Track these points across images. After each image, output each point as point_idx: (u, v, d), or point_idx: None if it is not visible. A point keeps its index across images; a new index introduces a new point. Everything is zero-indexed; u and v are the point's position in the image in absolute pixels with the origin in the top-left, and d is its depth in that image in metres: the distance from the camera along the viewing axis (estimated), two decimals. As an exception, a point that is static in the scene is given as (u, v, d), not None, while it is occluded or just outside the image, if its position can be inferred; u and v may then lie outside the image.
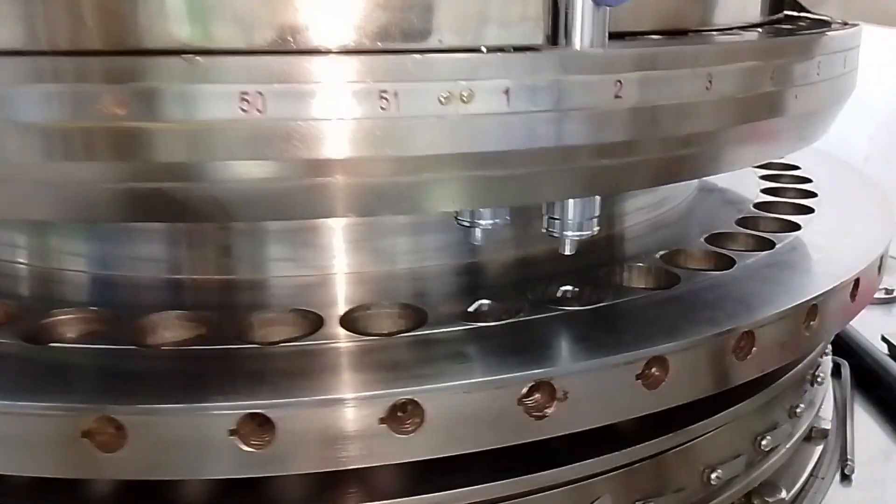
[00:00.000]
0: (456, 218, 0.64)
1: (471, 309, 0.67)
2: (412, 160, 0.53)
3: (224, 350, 0.59)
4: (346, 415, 0.54)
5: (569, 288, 0.71)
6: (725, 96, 0.61)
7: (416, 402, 0.55)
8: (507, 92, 0.52)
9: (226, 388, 0.54)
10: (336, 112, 0.50)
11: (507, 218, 0.64)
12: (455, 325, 0.63)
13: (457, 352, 0.59)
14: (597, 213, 0.66)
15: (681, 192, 0.95)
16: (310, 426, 0.54)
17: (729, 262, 0.76)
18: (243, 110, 0.50)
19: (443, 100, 0.51)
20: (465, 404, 0.55)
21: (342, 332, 0.62)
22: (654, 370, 0.61)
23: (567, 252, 0.67)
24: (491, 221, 0.64)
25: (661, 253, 0.79)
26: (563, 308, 0.66)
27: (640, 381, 0.60)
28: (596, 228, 0.67)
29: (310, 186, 0.53)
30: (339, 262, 0.74)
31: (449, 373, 0.56)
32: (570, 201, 0.64)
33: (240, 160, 0.51)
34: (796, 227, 0.87)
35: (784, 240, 0.83)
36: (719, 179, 1.04)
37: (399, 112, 0.51)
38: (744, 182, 1.03)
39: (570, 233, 0.66)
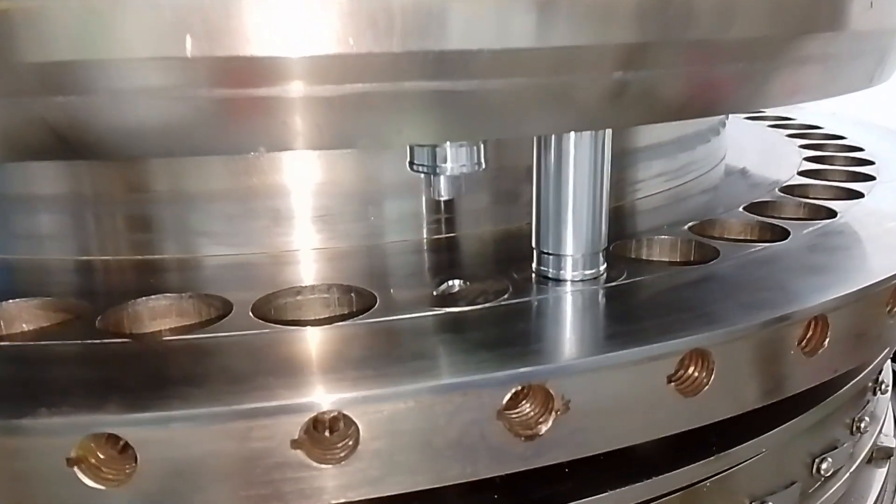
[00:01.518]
0: (411, 162, 0.47)
1: (437, 292, 0.50)
2: (324, 63, 0.35)
3: (75, 347, 0.42)
4: (241, 437, 0.36)
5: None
6: (783, -12, 0.44)
7: (346, 416, 0.37)
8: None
9: (64, 399, 0.37)
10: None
11: (482, 163, 0.46)
12: (412, 311, 0.46)
13: (410, 347, 0.42)
14: (603, 245, 0.49)
15: (709, 155, 0.78)
16: (186, 454, 0.36)
17: (781, 234, 0.59)
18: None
19: (368, -36, 0.34)
20: (418, 420, 0.38)
21: (254, 321, 0.45)
22: (692, 370, 0.43)
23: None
24: (459, 166, 0.45)
25: (691, 224, 0.61)
26: (562, 289, 0.49)
27: (673, 384, 0.42)
28: (603, 266, 0.50)
29: (161, 101, 0.36)
30: (279, 240, 0.59)
31: (396, 375, 0.39)
32: (569, 228, 0.48)
33: (67, 58, 0.34)
34: (858, 194, 0.69)
35: (846, 208, 0.65)
36: (750, 146, 0.87)
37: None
38: (781, 151, 0.86)
39: (570, 273, 0.49)
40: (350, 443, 0.38)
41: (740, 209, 0.65)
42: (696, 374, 0.43)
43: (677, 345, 0.42)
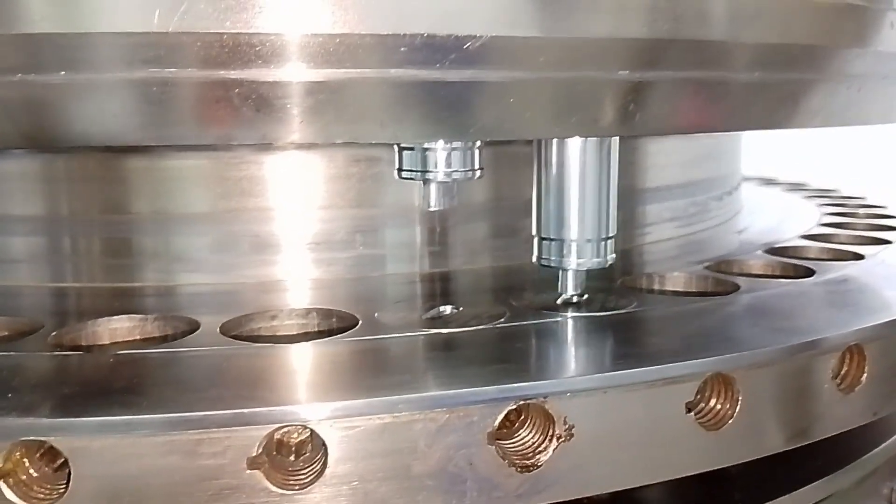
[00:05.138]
0: (399, 169, 0.42)
1: (427, 316, 0.45)
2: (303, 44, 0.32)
3: (15, 359, 0.37)
4: (188, 451, 0.31)
5: (573, 295, 0.48)
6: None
7: (314, 433, 0.32)
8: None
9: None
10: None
11: (477, 168, 0.42)
12: (396, 332, 0.41)
13: (390, 361, 0.37)
14: (612, 232, 0.45)
15: (726, 204, 0.74)
16: (124, 470, 0.31)
17: (805, 272, 0.54)
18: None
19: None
20: (394, 440, 0.33)
21: (219, 339, 0.40)
22: (714, 401, 0.38)
23: (570, 291, 0.45)
24: (451, 171, 0.41)
25: (707, 263, 0.56)
26: (565, 315, 0.44)
27: (693, 415, 0.37)
28: (612, 255, 0.45)
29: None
30: (265, 269, 0.54)
31: (369, 386, 0.34)
32: (573, 209, 0.43)
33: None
34: (885, 241, 0.64)
35: (874, 253, 0.60)
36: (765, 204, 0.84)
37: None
38: (800, 209, 0.82)
39: (574, 260, 0.44)
40: (318, 467, 0.33)
41: (760, 252, 0.60)
42: (718, 405, 0.38)
43: (697, 366, 0.36)
